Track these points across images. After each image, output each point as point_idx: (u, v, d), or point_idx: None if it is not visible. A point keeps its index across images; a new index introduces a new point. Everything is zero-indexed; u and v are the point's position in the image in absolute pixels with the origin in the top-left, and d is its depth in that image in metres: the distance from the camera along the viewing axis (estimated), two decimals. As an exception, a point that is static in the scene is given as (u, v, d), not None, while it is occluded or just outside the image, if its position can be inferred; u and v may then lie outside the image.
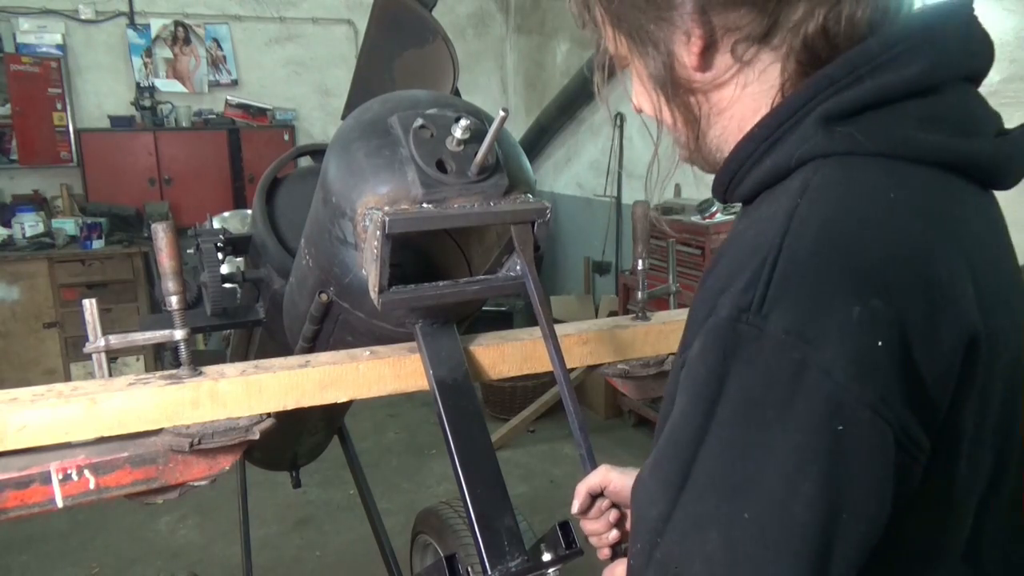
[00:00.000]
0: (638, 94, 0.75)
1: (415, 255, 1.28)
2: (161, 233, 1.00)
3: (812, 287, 0.52)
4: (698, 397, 0.56)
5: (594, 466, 0.97)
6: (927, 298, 0.53)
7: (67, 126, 4.94)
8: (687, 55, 0.66)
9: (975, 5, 0.65)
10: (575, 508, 0.98)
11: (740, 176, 0.67)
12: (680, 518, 0.55)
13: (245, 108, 5.43)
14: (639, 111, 0.77)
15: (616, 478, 0.94)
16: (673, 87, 0.69)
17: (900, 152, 0.59)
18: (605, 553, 0.98)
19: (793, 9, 0.62)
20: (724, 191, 0.70)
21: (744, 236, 0.60)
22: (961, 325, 0.54)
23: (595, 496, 0.97)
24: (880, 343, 0.50)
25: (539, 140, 5.69)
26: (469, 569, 1.04)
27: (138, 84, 5.16)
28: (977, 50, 0.65)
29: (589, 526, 0.98)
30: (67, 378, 4.68)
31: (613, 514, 0.96)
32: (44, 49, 4.88)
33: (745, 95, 0.67)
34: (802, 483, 0.51)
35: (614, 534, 0.96)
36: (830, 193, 0.57)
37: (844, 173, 0.58)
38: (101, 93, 5.15)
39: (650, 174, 0.80)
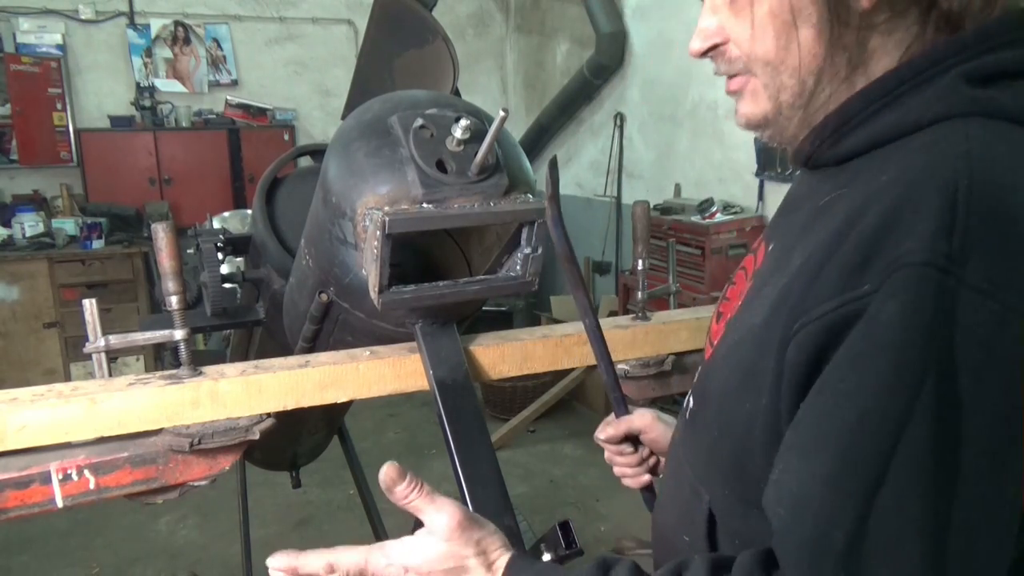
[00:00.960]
0: (778, 18, 0.62)
1: (415, 255, 1.28)
2: (161, 233, 1.00)
3: (1014, 233, 0.48)
4: (889, 372, 0.48)
5: (626, 410, 1.01)
6: None
7: (67, 126, 4.94)
8: None
9: None
10: (600, 433, 1.02)
11: (842, 133, 0.62)
12: (876, 538, 0.48)
13: (245, 108, 5.43)
14: (712, 45, 0.66)
15: (660, 430, 0.97)
16: (842, 9, 0.60)
17: None
18: (643, 480, 1.02)
19: None
20: (813, 150, 0.64)
21: (877, 182, 0.54)
22: None
23: (631, 438, 1.01)
24: None
25: (539, 140, 5.69)
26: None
27: (138, 84, 5.16)
28: None
29: (619, 460, 1.02)
30: (67, 378, 4.68)
31: (653, 459, 1.00)
32: (44, 49, 4.89)
33: (883, 52, 0.61)
34: (1015, 462, 0.47)
35: (647, 477, 1.00)
36: (999, 142, 0.53)
37: (993, 133, 0.54)
38: (101, 93, 5.15)
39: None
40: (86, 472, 0.99)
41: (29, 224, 4.73)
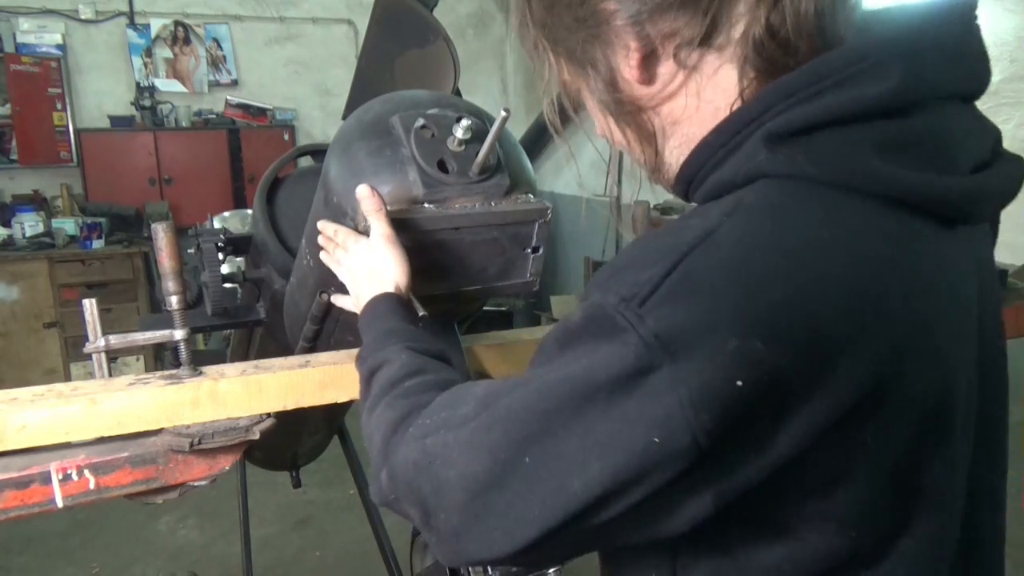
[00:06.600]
0: (595, 119, 0.72)
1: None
2: (161, 233, 1.00)
3: (699, 306, 0.50)
4: (542, 351, 0.58)
5: None
6: (812, 351, 0.50)
7: (67, 126, 4.94)
8: (628, 69, 0.64)
9: (978, 10, 0.60)
10: None
11: (697, 182, 0.64)
12: (467, 434, 0.58)
13: (245, 108, 5.43)
14: (605, 138, 0.75)
15: None
16: (619, 105, 0.66)
17: (847, 183, 0.55)
18: None
19: (733, 5, 0.58)
20: (685, 197, 0.68)
21: (666, 231, 0.57)
22: (849, 382, 0.51)
23: None
24: (740, 383, 0.48)
25: (539, 140, 5.68)
26: (470, 570, 1.04)
27: (138, 84, 5.16)
28: (969, 69, 0.61)
29: None
30: (67, 378, 4.68)
31: None
32: (44, 49, 4.88)
33: (702, 104, 0.63)
34: (593, 464, 0.51)
35: None
36: (755, 219, 0.54)
37: (780, 199, 0.55)
38: (101, 93, 5.14)
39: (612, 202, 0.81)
40: (86, 472, 0.99)
41: (29, 224, 4.73)
